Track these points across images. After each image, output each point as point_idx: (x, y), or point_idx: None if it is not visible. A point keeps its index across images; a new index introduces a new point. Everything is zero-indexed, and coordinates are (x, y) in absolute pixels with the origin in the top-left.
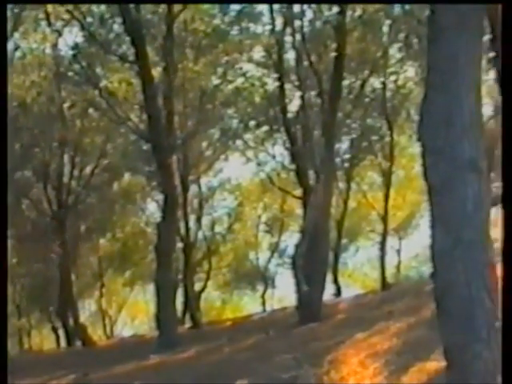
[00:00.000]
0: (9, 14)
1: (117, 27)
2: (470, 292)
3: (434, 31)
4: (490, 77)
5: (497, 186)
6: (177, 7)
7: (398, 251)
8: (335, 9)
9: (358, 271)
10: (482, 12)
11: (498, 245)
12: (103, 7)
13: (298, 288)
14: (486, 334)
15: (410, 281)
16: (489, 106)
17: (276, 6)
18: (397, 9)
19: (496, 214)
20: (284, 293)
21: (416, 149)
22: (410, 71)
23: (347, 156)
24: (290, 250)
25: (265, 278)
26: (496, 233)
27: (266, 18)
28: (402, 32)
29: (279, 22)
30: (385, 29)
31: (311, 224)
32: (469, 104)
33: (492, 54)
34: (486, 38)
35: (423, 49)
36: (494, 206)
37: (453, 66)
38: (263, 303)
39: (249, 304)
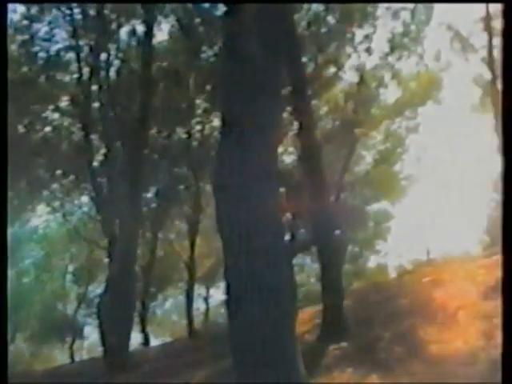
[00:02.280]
0: None
1: None
2: (265, 344)
3: (227, 87)
4: (294, 127)
5: (303, 232)
6: None
7: (206, 299)
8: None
9: (166, 319)
10: (280, 70)
11: (304, 289)
12: None
13: (103, 338)
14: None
15: (218, 327)
16: (293, 155)
17: (83, 55)
18: (202, 62)
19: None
20: (93, 343)
21: None
22: (216, 121)
23: (154, 205)
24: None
25: (73, 329)
26: (301, 278)
27: (73, 67)
28: (208, 83)
29: (86, 71)
30: (191, 80)
31: (116, 274)
32: (263, 155)
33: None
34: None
35: None
36: (300, 252)
37: (248, 120)
38: (72, 354)
39: (58, 355)
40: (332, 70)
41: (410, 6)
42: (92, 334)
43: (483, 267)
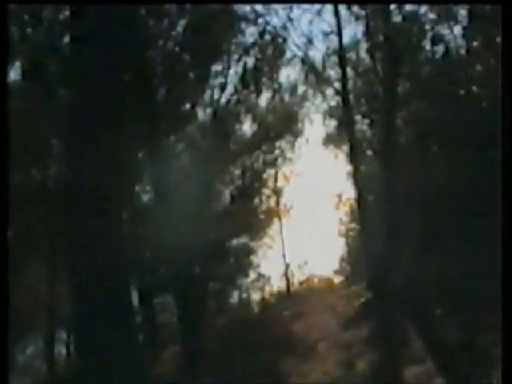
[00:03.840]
0: None
1: None
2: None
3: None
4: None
5: (163, 271)
6: None
7: (67, 344)
8: None
9: (28, 366)
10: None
11: (166, 328)
12: None
13: None
14: None
15: (77, 371)
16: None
17: None
18: (56, 101)
19: None
20: None
21: None
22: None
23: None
24: None
25: None
26: (163, 317)
27: None
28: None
29: None
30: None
31: None
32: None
33: None
34: None
35: None
36: (161, 291)
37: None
38: None
39: None
40: (187, 106)
41: (260, 42)
42: None
43: (343, 298)
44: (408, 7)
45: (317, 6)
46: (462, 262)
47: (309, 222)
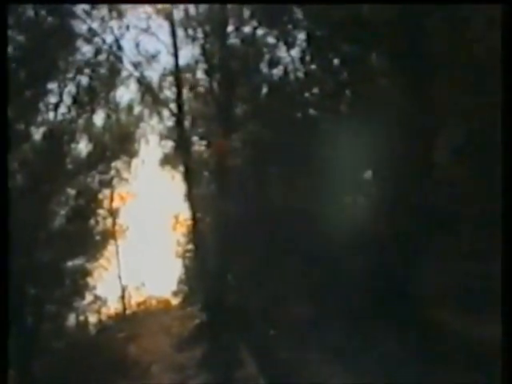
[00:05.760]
0: None
1: None
2: None
3: None
4: None
5: None
6: None
7: None
8: None
9: None
10: None
11: None
12: None
13: None
14: None
15: None
16: None
17: None
18: None
19: None
20: None
21: None
22: None
23: None
24: None
25: None
26: None
27: None
28: None
29: None
30: None
31: None
32: None
33: None
34: None
35: None
36: None
37: None
38: None
39: None
40: (21, 126)
41: (94, 60)
42: None
43: (177, 319)
44: (246, 30)
45: (154, 26)
46: (299, 282)
47: (145, 243)
